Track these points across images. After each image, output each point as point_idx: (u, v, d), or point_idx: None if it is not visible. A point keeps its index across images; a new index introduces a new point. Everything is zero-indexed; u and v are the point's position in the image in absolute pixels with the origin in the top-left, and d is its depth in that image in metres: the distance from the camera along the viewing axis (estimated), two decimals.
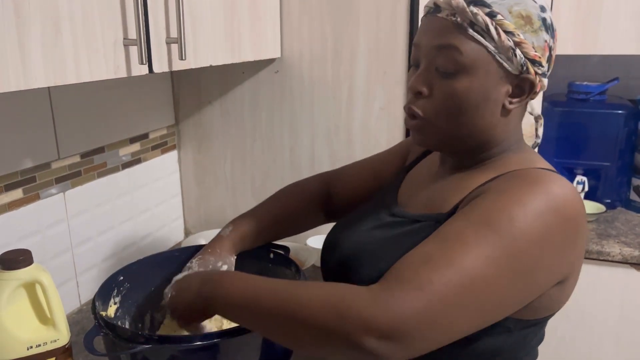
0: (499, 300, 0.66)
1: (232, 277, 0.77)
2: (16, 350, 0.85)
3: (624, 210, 1.85)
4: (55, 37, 0.80)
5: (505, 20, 0.70)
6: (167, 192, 1.67)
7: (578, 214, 0.70)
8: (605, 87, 1.84)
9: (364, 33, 1.44)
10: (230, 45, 1.27)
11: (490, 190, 0.71)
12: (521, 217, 0.66)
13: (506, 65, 0.71)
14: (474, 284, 0.64)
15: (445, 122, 0.75)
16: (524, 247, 0.65)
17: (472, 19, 0.70)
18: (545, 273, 0.69)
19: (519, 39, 0.70)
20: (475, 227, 0.66)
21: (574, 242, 0.70)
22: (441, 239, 0.68)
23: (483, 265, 0.64)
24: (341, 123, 1.53)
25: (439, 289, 0.62)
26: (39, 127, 1.19)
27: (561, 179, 0.71)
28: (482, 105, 0.73)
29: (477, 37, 0.70)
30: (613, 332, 1.60)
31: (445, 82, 0.73)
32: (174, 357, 0.77)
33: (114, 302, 0.94)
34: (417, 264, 0.65)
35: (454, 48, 0.71)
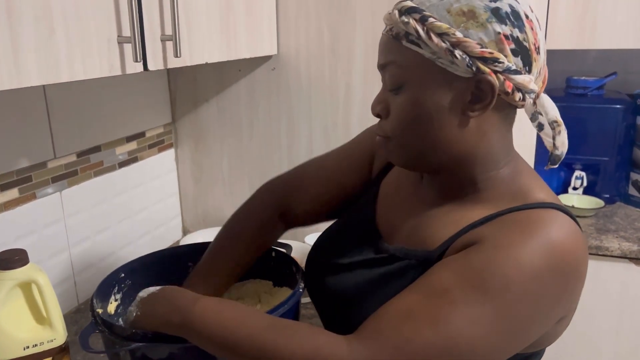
0: (486, 356, 0.64)
1: (202, 310, 0.70)
2: (12, 350, 0.84)
3: (622, 205, 1.84)
4: (48, 34, 0.79)
5: (436, 22, 0.65)
6: (164, 190, 1.66)
7: (578, 262, 0.65)
8: (603, 81, 1.84)
9: (360, 29, 1.44)
10: (226, 42, 1.27)
11: (484, 242, 0.65)
12: (517, 279, 0.61)
13: (451, 70, 0.65)
14: (458, 347, 0.61)
15: (405, 138, 0.71)
16: (517, 310, 0.62)
17: (405, 29, 0.67)
18: (541, 325, 0.66)
19: (456, 38, 0.64)
20: (466, 287, 0.62)
21: (573, 290, 0.67)
22: (426, 293, 0.64)
23: (470, 328, 0.61)
24: (339, 120, 1.52)
25: (418, 350, 0.61)
26: (34, 126, 1.18)
27: (561, 219, 0.66)
28: (436, 116, 0.68)
29: (412, 46, 0.67)
30: (612, 327, 1.60)
31: (395, 99, 0.71)
32: (172, 354, 0.76)
33: (114, 298, 0.94)
34: (398, 319, 0.63)
35: (393, 63, 0.69)
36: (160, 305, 0.74)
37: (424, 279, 0.66)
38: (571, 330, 1.66)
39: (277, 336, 0.66)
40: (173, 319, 0.72)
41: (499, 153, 0.72)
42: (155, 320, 0.74)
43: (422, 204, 0.77)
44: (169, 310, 0.73)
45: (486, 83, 0.65)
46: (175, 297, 0.74)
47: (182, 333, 0.71)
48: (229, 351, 0.68)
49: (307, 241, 1.53)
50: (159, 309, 0.74)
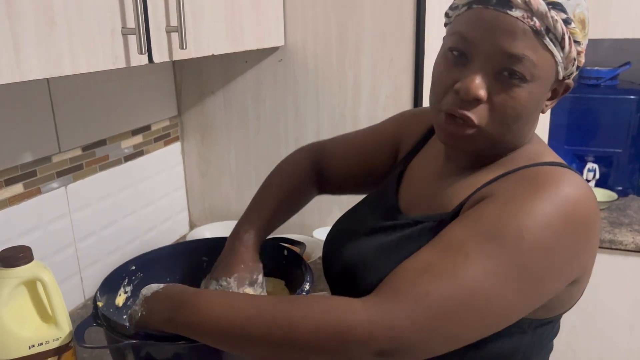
0: (503, 311, 0.64)
1: (207, 298, 0.69)
2: (18, 349, 0.83)
3: (636, 198, 1.81)
4: (50, 26, 0.77)
5: (576, 29, 0.65)
6: (170, 184, 1.65)
7: (590, 215, 0.66)
8: (617, 72, 1.80)
9: (369, 19, 1.41)
10: (232, 33, 1.24)
11: (497, 195, 0.67)
12: (530, 228, 0.62)
13: (561, 74, 0.68)
14: (475, 298, 0.61)
15: (498, 130, 0.69)
16: (532, 259, 0.62)
17: (551, 26, 0.63)
18: (555, 280, 0.66)
19: (582, 48, 0.67)
20: (480, 239, 0.63)
21: (585, 244, 0.67)
22: (442, 247, 0.64)
23: (486, 279, 0.61)
24: (347, 112, 1.50)
25: (436, 303, 0.61)
26: (38, 120, 1.16)
27: (571, 175, 0.67)
28: (534, 111, 0.69)
29: (551, 46, 0.64)
30: (626, 322, 1.58)
31: (505, 90, 0.66)
32: (177, 354, 0.75)
33: (124, 291, 0.93)
34: (415, 274, 0.63)
35: (526, 58, 0.64)
36: (164, 303, 0.73)
37: (440, 236, 0.67)
38: (585, 324, 1.65)
39: (287, 307, 0.65)
40: (178, 316, 0.70)
41: (531, 131, 0.75)
42: (159, 319, 0.72)
43: (441, 177, 0.79)
44: (173, 307, 0.71)
45: (565, 86, 0.70)
46: (179, 292, 0.73)
47: (187, 330, 0.70)
48: (238, 333, 0.65)
49: (315, 235, 1.52)
50: (163, 307, 0.72)
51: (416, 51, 1.38)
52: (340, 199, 1.55)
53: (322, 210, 1.58)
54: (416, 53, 1.39)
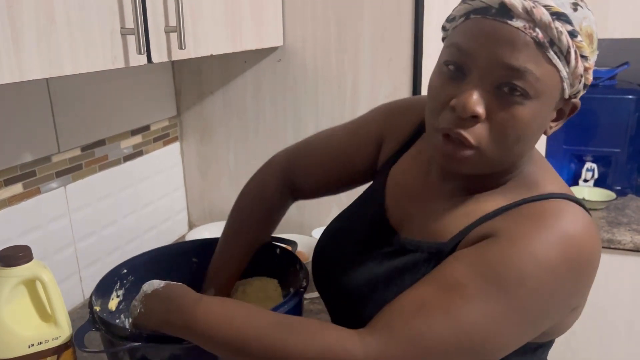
0: (498, 350, 0.63)
1: (206, 309, 0.69)
2: (17, 348, 0.83)
3: (634, 197, 1.82)
4: (50, 26, 0.77)
5: (583, 43, 0.60)
6: (170, 184, 1.65)
7: (593, 255, 0.64)
8: (615, 71, 1.81)
9: (368, 19, 1.41)
10: (231, 33, 1.25)
11: (498, 235, 0.64)
12: (533, 274, 0.60)
13: (567, 92, 0.62)
14: (471, 340, 0.61)
15: (497, 152, 0.64)
16: (532, 304, 0.62)
17: (555, 38, 0.58)
18: (553, 317, 0.66)
19: (589, 64, 0.62)
20: (479, 282, 0.61)
21: (586, 283, 0.66)
22: (439, 286, 0.63)
23: (484, 322, 0.61)
24: (346, 112, 1.50)
25: (431, 344, 0.60)
26: (38, 120, 1.16)
27: (575, 211, 0.65)
28: (538, 132, 0.65)
29: (555, 60, 0.59)
30: (625, 321, 1.58)
31: (508, 108, 0.61)
32: (173, 355, 0.75)
33: (116, 295, 0.93)
34: (410, 313, 0.62)
35: (528, 72, 0.59)
36: (163, 304, 0.72)
37: (437, 271, 0.65)
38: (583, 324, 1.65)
39: (286, 335, 0.64)
40: (176, 320, 0.70)
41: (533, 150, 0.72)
42: (158, 319, 0.72)
43: (435, 196, 0.75)
44: (171, 310, 0.71)
45: (572, 106, 0.66)
46: (179, 296, 0.72)
47: (185, 334, 0.70)
48: (235, 352, 0.66)
49: (314, 235, 1.52)
50: (161, 308, 0.72)
51: (415, 51, 1.39)
52: (339, 198, 1.54)
53: (320, 209, 1.58)
54: (415, 53, 1.39)
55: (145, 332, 0.73)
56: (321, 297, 0.87)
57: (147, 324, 0.73)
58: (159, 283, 0.76)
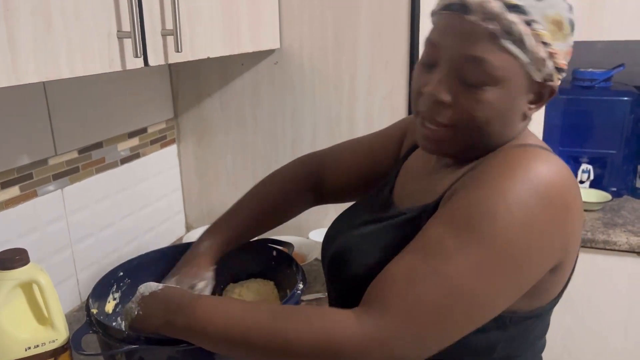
0: (489, 302, 0.65)
1: (205, 306, 0.70)
2: (14, 351, 0.83)
3: (630, 199, 1.82)
4: (47, 30, 0.78)
5: (542, 30, 0.64)
6: (167, 186, 1.65)
7: (566, 193, 0.65)
8: (611, 73, 1.81)
9: (365, 22, 1.41)
10: (228, 36, 1.25)
11: (467, 184, 0.67)
12: (502, 211, 0.62)
13: (534, 76, 0.67)
14: (462, 294, 0.62)
15: (470, 132, 0.69)
16: (509, 244, 0.62)
17: (507, 28, 0.63)
18: (536, 264, 0.66)
19: (553, 49, 0.65)
20: (456, 233, 0.63)
21: (564, 224, 0.66)
22: (422, 250, 0.65)
23: (469, 274, 0.62)
24: (343, 114, 1.50)
25: (425, 310, 0.62)
26: (34, 122, 1.17)
27: (546, 155, 0.67)
28: (507, 114, 0.69)
29: (511, 48, 0.64)
30: (621, 322, 1.58)
31: (470, 93, 0.67)
32: (169, 357, 0.75)
33: (112, 297, 0.93)
34: (401, 283, 0.64)
35: (484, 61, 0.65)
36: (162, 306, 0.73)
37: (419, 237, 0.68)
38: (578, 325, 1.65)
39: (284, 322, 0.66)
40: (176, 321, 0.71)
41: (520, 132, 0.74)
42: (157, 321, 0.73)
43: (430, 173, 0.80)
44: (171, 310, 0.72)
45: (549, 89, 0.69)
46: (178, 297, 0.74)
47: (186, 335, 0.70)
48: (236, 344, 0.67)
49: (311, 237, 1.52)
50: (161, 310, 0.73)
51: (411, 54, 1.39)
52: None
53: (318, 211, 1.57)
54: (411, 56, 1.39)
55: (142, 335, 0.73)
56: (323, 271, 0.89)
57: (145, 326, 0.74)
58: (156, 285, 0.77)
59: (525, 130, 0.76)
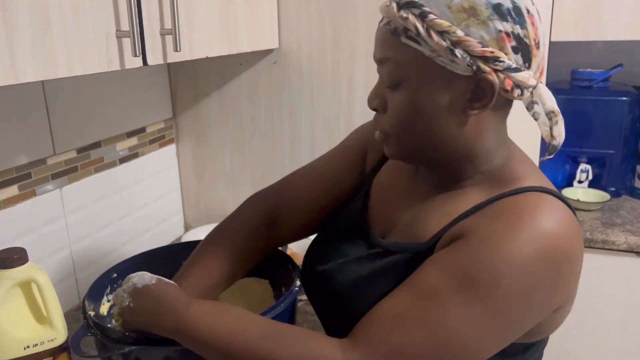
0: (479, 354, 0.64)
1: (195, 315, 0.69)
2: (13, 350, 0.83)
3: (628, 198, 1.83)
4: (45, 29, 0.78)
5: (437, 20, 0.63)
6: (165, 186, 1.65)
7: (571, 248, 0.64)
8: (609, 73, 1.82)
9: (363, 22, 1.42)
10: (227, 35, 1.25)
11: (472, 235, 0.64)
12: (506, 273, 0.60)
13: (451, 68, 0.64)
14: (451, 346, 0.61)
15: (403, 134, 0.70)
16: (509, 305, 0.61)
17: (404, 25, 0.65)
18: (534, 318, 0.65)
19: (457, 37, 0.62)
20: (455, 287, 0.61)
21: (568, 278, 0.65)
22: (417, 294, 0.64)
23: (462, 328, 0.61)
24: (341, 114, 1.51)
25: (411, 353, 0.61)
26: (33, 122, 1.17)
27: (551, 205, 0.64)
28: (434, 114, 0.67)
29: (411, 43, 0.65)
30: (619, 322, 1.59)
31: (392, 95, 0.69)
32: (167, 357, 0.75)
33: (107, 299, 0.93)
34: (389, 323, 0.64)
35: (390, 60, 0.67)
36: (152, 304, 0.72)
37: (413, 278, 0.66)
38: (577, 325, 1.65)
39: (273, 345, 0.66)
40: (165, 323, 0.70)
41: (493, 146, 0.71)
42: (146, 319, 0.72)
43: (416, 198, 0.77)
44: (162, 312, 0.71)
45: (486, 82, 0.64)
46: (170, 299, 0.72)
47: (174, 336, 0.70)
48: (221, 356, 0.68)
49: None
50: (152, 309, 0.72)
51: None
52: None
53: None
54: None
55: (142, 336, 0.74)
56: (310, 303, 0.87)
57: (133, 320, 0.73)
58: (150, 278, 0.75)
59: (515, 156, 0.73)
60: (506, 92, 0.65)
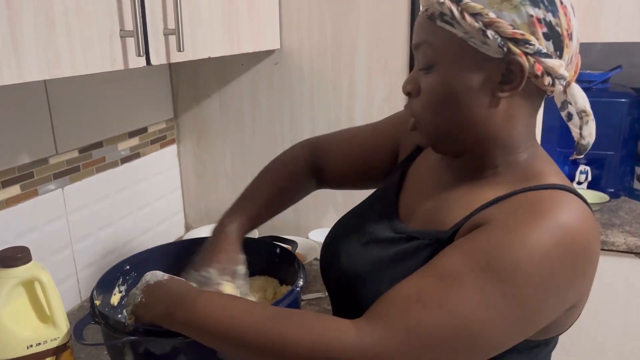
0: (495, 342, 0.64)
1: (207, 302, 0.71)
2: (16, 349, 0.84)
3: (627, 199, 1.83)
4: (49, 28, 0.78)
5: (471, 3, 0.65)
6: (167, 186, 1.65)
7: (589, 244, 0.65)
8: (608, 75, 1.82)
9: (364, 23, 1.42)
10: (229, 36, 1.25)
11: (493, 223, 0.65)
12: (526, 260, 0.61)
13: (482, 50, 0.66)
14: (467, 329, 0.61)
15: (433, 117, 0.72)
16: (527, 291, 0.62)
17: (440, 9, 0.67)
18: (550, 310, 0.66)
19: (489, 18, 0.64)
20: (475, 270, 0.62)
21: (583, 272, 0.66)
22: (435, 276, 0.64)
23: (479, 311, 0.61)
24: (342, 114, 1.51)
25: (427, 333, 0.61)
26: (35, 122, 1.17)
27: (571, 201, 0.66)
28: (465, 95, 0.68)
29: (446, 26, 0.67)
30: (618, 323, 1.59)
31: (425, 78, 0.71)
32: (174, 348, 0.76)
33: (118, 290, 0.94)
34: (407, 302, 0.63)
35: (425, 43, 0.70)
36: (165, 297, 0.74)
37: (434, 262, 0.66)
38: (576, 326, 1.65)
39: (282, 325, 0.65)
40: (176, 315, 0.71)
41: (521, 138, 0.72)
42: (157, 312, 0.73)
43: (439, 188, 0.78)
44: (173, 304, 0.72)
45: (516, 64, 0.65)
46: (181, 292, 0.74)
47: (185, 329, 0.71)
48: (234, 343, 0.67)
49: (310, 237, 1.52)
50: (163, 302, 0.73)
51: (410, 55, 1.40)
52: (335, 201, 1.56)
53: (317, 211, 1.59)
54: (410, 56, 1.40)
55: (142, 325, 0.74)
56: (324, 281, 0.89)
57: (146, 314, 0.75)
58: (162, 275, 0.78)
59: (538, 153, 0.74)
60: (536, 78, 0.66)
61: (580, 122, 0.71)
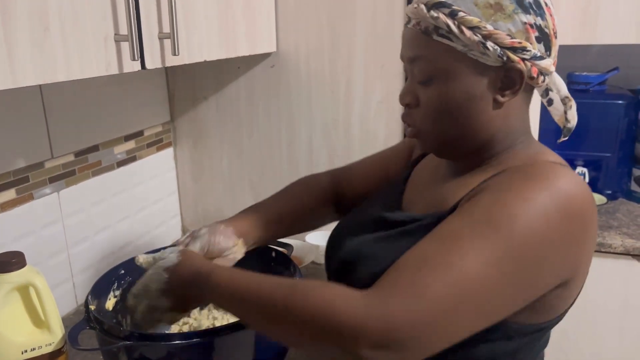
0: (499, 301, 0.64)
1: (220, 274, 0.76)
2: (10, 354, 0.83)
3: (625, 201, 1.83)
4: (44, 33, 0.78)
5: (467, 17, 0.68)
6: (163, 189, 1.65)
7: (585, 211, 0.67)
8: (605, 77, 1.82)
9: (361, 26, 1.42)
10: (225, 39, 1.25)
11: (491, 187, 0.68)
12: (523, 215, 0.63)
13: (482, 60, 0.69)
14: (472, 286, 0.61)
15: (436, 128, 0.74)
16: (525, 245, 0.63)
17: (435, 24, 0.69)
18: (548, 273, 0.66)
19: (487, 31, 0.68)
20: (474, 226, 0.64)
21: (579, 240, 0.67)
22: (438, 239, 0.65)
23: (482, 267, 0.61)
24: (339, 117, 1.51)
25: (436, 294, 0.61)
26: (31, 126, 1.16)
27: (569, 173, 0.68)
28: (467, 104, 0.71)
29: (443, 40, 0.69)
30: (616, 325, 1.59)
31: (425, 91, 0.73)
32: (170, 353, 0.76)
33: (113, 295, 0.94)
34: (413, 268, 0.63)
35: (422, 58, 0.72)
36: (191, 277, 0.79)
37: (437, 228, 0.68)
38: (575, 327, 1.66)
39: (289, 290, 0.66)
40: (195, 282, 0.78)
41: (519, 131, 0.76)
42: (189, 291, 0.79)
43: (440, 180, 0.81)
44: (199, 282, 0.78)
45: (515, 71, 0.70)
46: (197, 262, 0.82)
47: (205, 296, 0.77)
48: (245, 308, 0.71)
49: (307, 240, 1.52)
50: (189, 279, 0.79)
51: None
52: None
53: None
54: None
55: (135, 332, 0.74)
56: (327, 268, 0.89)
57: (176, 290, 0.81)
58: (174, 256, 0.83)
59: (535, 143, 0.78)
60: (531, 79, 0.71)
61: (565, 107, 0.77)
